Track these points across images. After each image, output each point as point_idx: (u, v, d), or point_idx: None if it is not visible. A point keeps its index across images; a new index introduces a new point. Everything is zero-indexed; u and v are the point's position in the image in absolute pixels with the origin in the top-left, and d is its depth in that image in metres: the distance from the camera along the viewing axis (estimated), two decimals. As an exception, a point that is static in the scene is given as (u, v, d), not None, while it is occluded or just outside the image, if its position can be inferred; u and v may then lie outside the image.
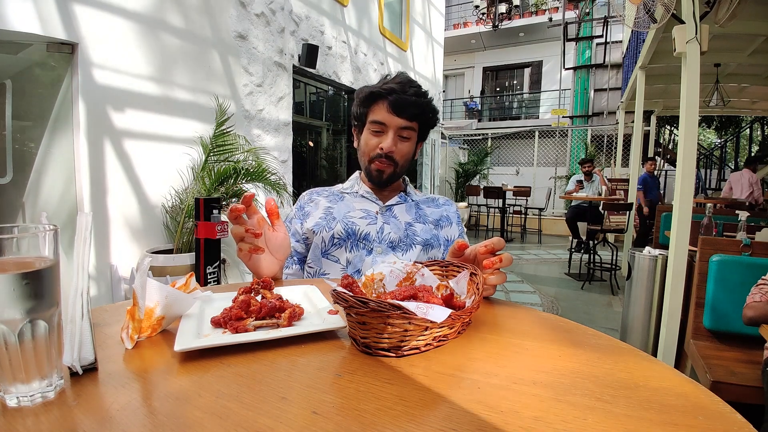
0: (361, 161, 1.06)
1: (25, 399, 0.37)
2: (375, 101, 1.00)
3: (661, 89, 5.70)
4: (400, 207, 1.07)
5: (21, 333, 0.36)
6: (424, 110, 1.01)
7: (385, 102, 0.98)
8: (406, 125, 0.99)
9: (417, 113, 0.99)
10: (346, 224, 1.00)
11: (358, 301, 0.45)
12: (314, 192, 1.13)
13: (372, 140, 1.02)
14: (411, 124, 1.00)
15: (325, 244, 1.00)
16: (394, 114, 0.98)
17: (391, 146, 0.99)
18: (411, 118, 0.99)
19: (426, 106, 1.01)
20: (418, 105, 0.99)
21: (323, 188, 1.15)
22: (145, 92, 3.04)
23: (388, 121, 0.99)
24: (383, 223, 1.02)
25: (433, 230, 1.05)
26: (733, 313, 1.72)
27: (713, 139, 13.28)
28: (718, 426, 0.34)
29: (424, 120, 1.03)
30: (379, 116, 0.99)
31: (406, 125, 0.99)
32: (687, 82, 1.99)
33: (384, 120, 0.99)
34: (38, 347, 0.38)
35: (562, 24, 10.97)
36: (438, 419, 0.35)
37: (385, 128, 0.99)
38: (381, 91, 0.99)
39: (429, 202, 1.13)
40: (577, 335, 0.54)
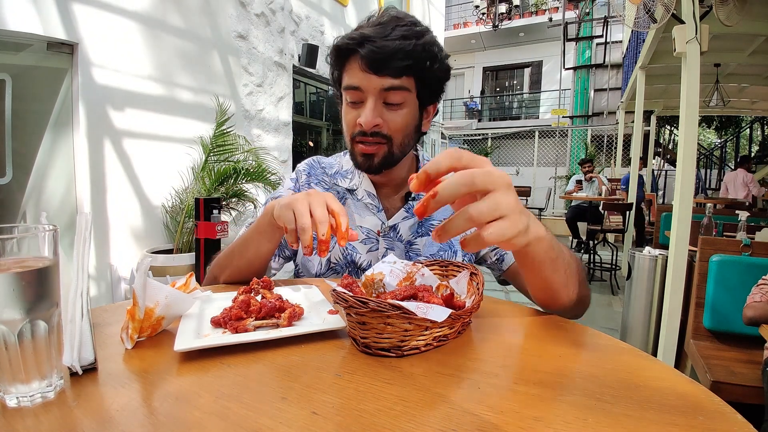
0: (346, 145, 0.81)
1: (24, 399, 0.37)
2: (347, 58, 0.72)
3: (661, 89, 5.70)
4: (405, 224, 0.83)
5: (21, 333, 0.36)
6: (418, 57, 0.69)
7: (357, 57, 0.70)
8: (391, 85, 0.70)
9: (407, 65, 0.69)
10: (345, 249, 0.81)
11: (358, 301, 0.45)
12: (313, 172, 0.90)
13: (349, 114, 0.74)
14: (397, 81, 0.70)
15: (321, 267, 0.83)
16: (371, 72, 0.69)
17: (372, 118, 0.71)
18: (398, 72, 0.69)
19: (421, 50, 0.70)
20: (406, 53, 0.68)
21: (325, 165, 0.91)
22: (145, 92, 3.04)
23: (365, 83, 0.70)
24: (386, 248, 0.82)
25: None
26: (733, 313, 1.72)
27: (713, 139, 13.28)
28: (718, 426, 0.34)
29: (421, 71, 0.71)
30: (353, 78, 0.71)
31: (391, 85, 0.70)
32: (687, 82, 1.99)
33: (359, 83, 0.71)
34: (38, 347, 0.38)
35: (562, 24, 10.98)
36: (438, 419, 0.35)
37: (362, 95, 0.72)
38: (348, 42, 0.70)
39: None
40: (577, 335, 0.54)
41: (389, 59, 0.68)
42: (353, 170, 0.87)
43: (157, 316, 0.51)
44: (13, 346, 0.36)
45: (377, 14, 0.74)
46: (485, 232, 0.40)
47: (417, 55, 0.69)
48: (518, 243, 0.44)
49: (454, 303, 0.54)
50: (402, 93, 0.71)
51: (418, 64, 0.70)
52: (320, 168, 0.91)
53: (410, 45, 0.68)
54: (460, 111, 14.25)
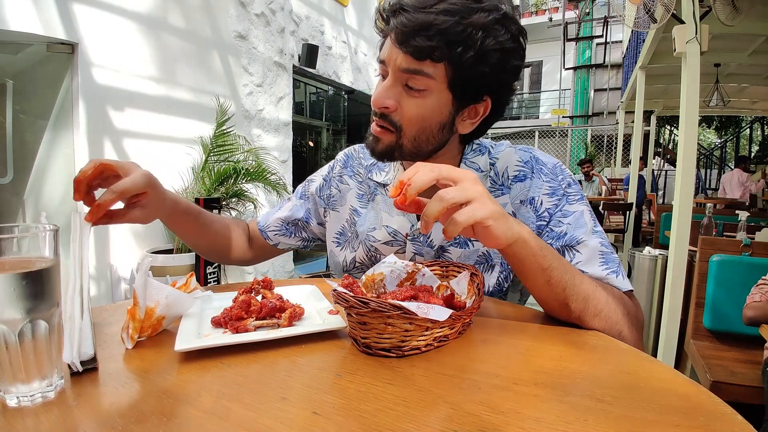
0: None
1: (25, 399, 0.37)
2: (385, 30, 0.62)
3: (661, 89, 5.70)
4: (439, 227, 0.65)
5: (21, 333, 0.36)
6: (453, 40, 0.55)
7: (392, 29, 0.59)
8: (409, 66, 0.58)
9: (430, 46, 0.56)
10: (369, 249, 0.76)
11: (359, 302, 0.45)
12: (349, 165, 0.84)
13: (376, 91, 0.64)
14: (419, 64, 0.58)
15: (346, 264, 0.81)
16: (397, 45, 0.58)
17: (381, 97, 0.61)
18: (420, 54, 0.57)
19: (461, 31, 0.55)
20: (438, 30, 0.55)
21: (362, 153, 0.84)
22: (145, 92, 3.04)
23: (389, 57, 0.60)
24: (414, 253, 0.73)
25: (480, 249, 0.70)
26: (733, 313, 1.72)
27: (713, 139, 13.28)
28: (718, 426, 0.34)
29: (456, 59, 0.56)
30: (383, 51, 0.62)
31: (409, 66, 0.58)
32: (687, 82, 1.99)
33: (385, 57, 0.61)
34: (38, 347, 0.38)
35: (562, 24, 10.97)
36: (439, 420, 0.35)
37: (386, 69, 0.62)
38: (385, 8, 0.60)
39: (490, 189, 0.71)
40: (577, 335, 0.54)
41: (414, 34, 0.56)
42: (392, 163, 0.78)
43: (157, 315, 0.51)
44: (13, 345, 0.36)
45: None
46: (457, 214, 0.45)
47: (452, 36, 0.55)
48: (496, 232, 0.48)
49: (454, 303, 0.54)
50: (423, 79, 0.59)
51: (451, 50, 0.56)
52: (358, 158, 0.84)
53: (447, 22, 0.54)
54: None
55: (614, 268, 0.64)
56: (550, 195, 0.68)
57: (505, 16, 0.58)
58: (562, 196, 0.68)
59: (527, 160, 0.72)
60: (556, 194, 0.68)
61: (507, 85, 0.64)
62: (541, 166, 0.71)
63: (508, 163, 0.73)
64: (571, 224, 0.66)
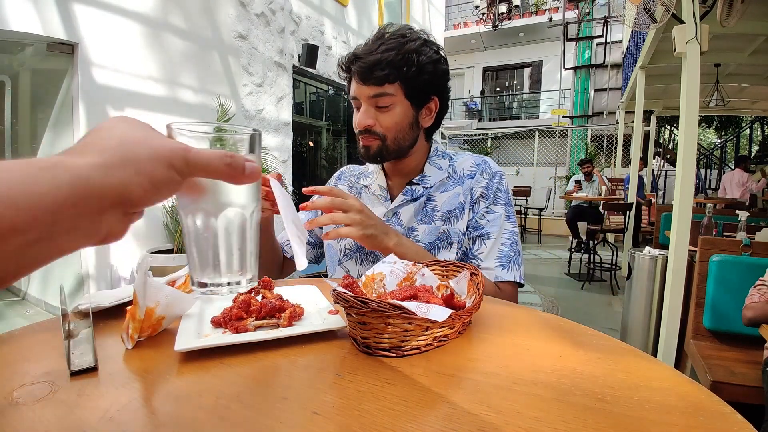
0: None
1: (219, 288, 0.37)
2: (349, 74, 0.87)
3: (661, 89, 5.70)
4: (406, 208, 0.91)
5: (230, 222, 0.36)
6: (398, 66, 0.80)
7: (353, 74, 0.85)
8: (376, 92, 0.82)
9: (385, 74, 0.81)
10: None
11: (359, 301, 0.45)
12: (343, 177, 1.06)
13: (354, 117, 0.89)
14: (382, 88, 0.82)
15: (339, 253, 0.94)
16: (361, 82, 0.83)
17: (363, 120, 0.84)
18: (379, 81, 0.81)
19: (401, 59, 0.81)
20: (387, 63, 0.80)
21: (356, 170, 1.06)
22: (145, 92, 3.04)
23: (358, 92, 0.85)
24: None
25: (441, 227, 0.88)
26: (733, 313, 1.72)
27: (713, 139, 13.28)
28: (718, 426, 0.34)
29: (404, 77, 0.82)
30: (352, 89, 0.86)
31: (376, 92, 0.82)
32: (687, 82, 1.99)
33: (355, 93, 0.85)
34: (245, 238, 0.38)
35: (562, 24, 10.97)
36: (439, 419, 0.35)
37: (358, 102, 0.86)
38: (343, 64, 0.86)
39: (447, 183, 0.92)
40: (577, 335, 0.54)
41: (371, 71, 0.81)
42: (374, 171, 0.99)
43: (157, 316, 0.51)
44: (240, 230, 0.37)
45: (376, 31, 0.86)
46: (339, 227, 0.71)
47: (397, 64, 0.80)
48: (369, 243, 0.74)
49: (454, 303, 0.54)
50: (388, 98, 0.83)
51: (399, 72, 0.81)
52: (350, 172, 1.06)
53: (390, 56, 0.80)
54: (460, 111, 14.25)
55: (504, 262, 0.85)
56: (484, 189, 0.90)
57: (426, 40, 0.85)
58: (492, 196, 0.89)
59: (479, 164, 0.94)
60: (488, 192, 0.90)
61: (444, 85, 0.89)
62: (487, 168, 0.92)
63: (464, 165, 0.94)
64: (489, 222, 0.88)
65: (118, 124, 0.26)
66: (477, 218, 0.88)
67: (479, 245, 0.87)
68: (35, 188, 0.20)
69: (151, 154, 0.24)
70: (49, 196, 0.20)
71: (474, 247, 0.87)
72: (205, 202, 0.35)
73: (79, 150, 0.23)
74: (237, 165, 0.28)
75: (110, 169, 0.22)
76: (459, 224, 0.88)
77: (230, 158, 0.28)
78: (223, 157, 0.28)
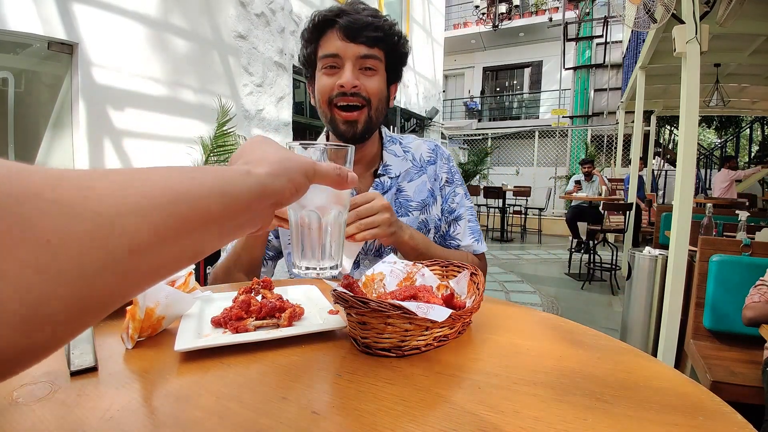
0: (323, 116, 0.85)
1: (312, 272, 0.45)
2: (322, 32, 0.80)
3: (661, 89, 5.70)
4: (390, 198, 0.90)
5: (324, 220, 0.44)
6: (386, 33, 0.80)
7: (334, 28, 0.79)
8: (366, 53, 0.79)
9: (378, 36, 0.79)
10: None
11: (359, 301, 0.45)
12: None
13: (327, 81, 0.80)
14: (372, 50, 0.79)
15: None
16: (349, 40, 0.78)
17: (352, 79, 0.78)
18: (371, 42, 0.79)
19: (389, 27, 0.81)
20: (377, 26, 0.79)
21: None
22: (145, 92, 3.04)
23: (343, 50, 0.78)
24: None
25: (419, 217, 0.89)
26: (733, 313, 1.72)
27: (713, 139, 13.28)
28: (718, 426, 0.34)
29: (390, 47, 0.82)
30: (331, 47, 0.79)
31: (366, 53, 0.79)
32: (687, 82, 1.99)
33: (337, 51, 0.78)
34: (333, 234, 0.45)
35: (562, 24, 10.97)
36: (438, 419, 0.35)
37: (340, 61, 0.79)
38: (326, 15, 0.79)
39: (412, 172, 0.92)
40: (577, 335, 0.54)
41: (364, 29, 0.78)
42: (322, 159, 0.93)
43: (157, 316, 0.51)
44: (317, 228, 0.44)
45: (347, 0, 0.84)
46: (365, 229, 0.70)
47: (386, 30, 0.80)
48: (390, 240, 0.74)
49: (454, 303, 0.54)
50: (375, 61, 0.81)
51: (387, 39, 0.81)
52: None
53: (380, 21, 0.80)
54: (460, 111, 14.25)
55: (477, 236, 0.94)
56: (447, 174, 0.95)
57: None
58: (453, 179, 0.95)
59: (433, 149, 0.96)
60: (451, 176, 0.95)
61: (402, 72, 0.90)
62: (442, 153, 0.97)
63: (421, 151, 0.95)
64: (458, 204, 0.94)
65: (269, 142, 0.35)
66: (449, 203, 0.94)
67: (454, 227, 0.93)
68: (240, 188, 0.27)
69: (297, 167, 0.33)
70: (248, 194, 0.27)
71: (451, 229, 0.94)
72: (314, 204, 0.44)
73: (256, 162, 0.30)
74: (344, 174, 0.38)
75: (276, 177, 0.30)
76: (434, 211, 0.92)
77: (339, 170, 0.37)
78: (336, 168, 0.37)
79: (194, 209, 0.23)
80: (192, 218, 0.23)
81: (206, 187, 0.24)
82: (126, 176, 0.21)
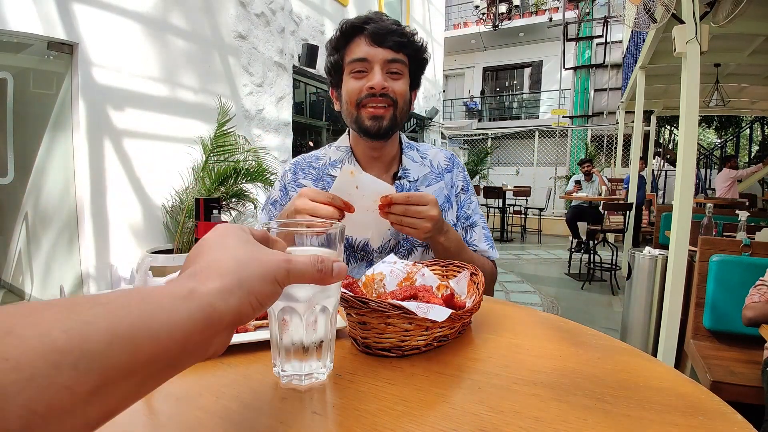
0: (349, 117, 0.88)
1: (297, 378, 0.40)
2: (350, 39, 0.86)
3: (661, 89, 5.70)
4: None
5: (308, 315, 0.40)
6: (410, 39, 0.86)
7: (362, 35, 0.84)
8: (393, 57, 0.84)
9: (403, 42, 0.85)
10: None
11: (359, 301, 0.45)
12: (299, 168, 0.96)
13: (355, 84, 0.85)
14: (398, 55, 0.84)
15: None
16: (376, 45, 0.83)
17: (382, 81, 0.83)
18: (397, 47, 0.84)
19: (411, 35, 0.87)
20: (401, 33, 0.84)
21: (310, 159, 0.98)
22: (145, 92, 3.04)
23: (371, 54, 0.83)
24: None
25: None
26: (733, 313, 1.72)
27: (713, 139, 13.28)
28: (718, 426, 0.34)
29: (413, 54, 0.88)
30: (360, 52, 0.84)
31: (393, 57, 0.84)
32: (687, 82, 1.99)
33: (366, 55, 0.83)
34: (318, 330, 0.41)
35: (562, 24, 10.97)
36: (438, 419, 0.35)
37: (368, 65, 0.84)
38: (354, 23, 0.85)
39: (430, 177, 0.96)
40: (577, 335, 0.54)
41: (390, 35, 0.83)
42: (341, 159, 0.95)
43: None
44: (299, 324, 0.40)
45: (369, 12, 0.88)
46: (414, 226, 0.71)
47: (409, 37, 0.86)
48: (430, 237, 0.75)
49: (454, 303, 0.54)
50: (401, 65, 0.85)
51: (411, 45, 0.86)
52: (306, 163, 0.97)
53: (402, 29, 0.85)
54: (460, 111, 14.24)
55: (491, 243, 0.97)
56: (463, 182, 0.99)
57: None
58: (468, 188, 1.00)
59: (450, 157, 1.01)
60: (467, 185, 1.00)
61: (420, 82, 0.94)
62: (458, 162, 1.01)
63: (438, 159, 0.99)
64: (472, 211, 0.98)
65: (227, 239, 0.28)
66: (465, 209, 0.97)
67: (470, 233, 0.97)
68: (173, 317, 0.21)
69: (261, 273, 0.26)
70: (185, 325, 0.22)
71: (468, 235, 0.96)
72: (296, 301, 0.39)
73: (203, 275, 0.25)
74: (326, 270, 0.31)
75: (229, 293, 0.24)
76: (449, 217, 0.95)
77: (321, 264, 0.30)
78: (315, 263, 0.30)
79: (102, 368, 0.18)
80: (97, 379, 0.18)
81: (118, 335, 0.19)
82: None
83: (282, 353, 0.40)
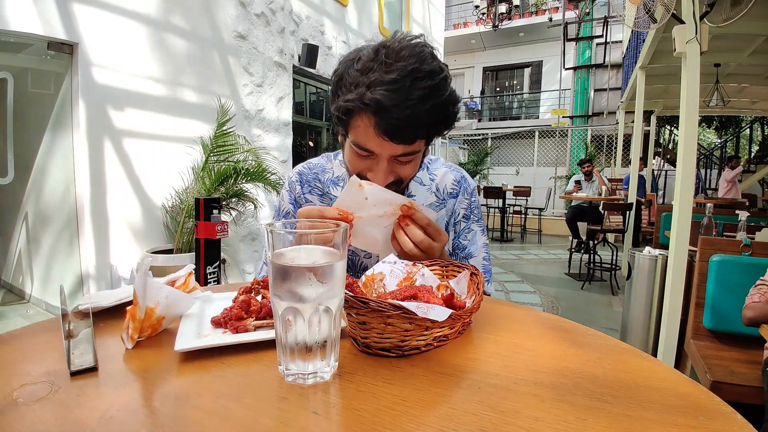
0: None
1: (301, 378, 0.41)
2: (354, 113, 0.67)
3: (661, 89, 5.70)
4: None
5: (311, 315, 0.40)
6: (432, 121, 0.68)
7: (371, 120, 0.65)
8: (405, 151, 0.69)
9: (421, 132, 0.68)
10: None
11: (359, 301, 0.45)
12: (304, 180, 0.90)
13: (358, 164, 0.72)
14: (411, 147, 0.69)
15: None
16: (388, 139, 0.66)
17: (385, 179, 0.71)
18: (413, 138, 0.68)
19: (437, 112, 0.67)
20: (422, 118, 0.65)
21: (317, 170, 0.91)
22: (145, 92, 3.04)
23: (380, 149, 0.68)
24: None
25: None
26: (733, 313, 1.72)
27: (713, 139, 13.28)
28: (718, 426, 0.34)
29: (435, 130, 0.71)
30: (362, 140, 0.68)
31: (405, 151, 0.69)
32: (687, 82, 1.99)
33: (375, 149, 0.68)
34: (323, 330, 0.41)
35: (562, 24, 10.98)
36: (438, 419, 0.35)
37: (373, 156, 0.70)
38: (362, 106, 0.64)
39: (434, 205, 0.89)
40: (577, 335, 0.54)
41: (405, 128, 0.65)
42: (344, 176, 0.89)
43: (157, 315, 0.51)
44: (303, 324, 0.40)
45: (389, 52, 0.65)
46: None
47: (432, 120, 0.68)
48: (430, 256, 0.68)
49: (454, 303, 0.54)
50: (414, 155, 0.72)
51: (432, 128, 0.70)
52: (312, 173, 0.91)
53: (427, 106, 0.65)
54: (460, 111, 14.22)
55: (488, 277, 0.89)
56: (465, 209, 0.91)
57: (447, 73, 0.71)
58: (470, 215, 0.91)
59: (459, 180, 0.92)
60: (470, 213, 0.91)
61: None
62: (467, 187, 0.92)
63: (446, 182, 0.91)
64: (470, 241, 0.90)
65: None
66: (461, 239, 0.91)
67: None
68: None
69: None
70: None
71: None
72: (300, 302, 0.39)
73: None
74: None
75: None
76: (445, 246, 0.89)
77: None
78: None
79: None
80: None
81: None
82: None
83: (287, 352, 0.41)
